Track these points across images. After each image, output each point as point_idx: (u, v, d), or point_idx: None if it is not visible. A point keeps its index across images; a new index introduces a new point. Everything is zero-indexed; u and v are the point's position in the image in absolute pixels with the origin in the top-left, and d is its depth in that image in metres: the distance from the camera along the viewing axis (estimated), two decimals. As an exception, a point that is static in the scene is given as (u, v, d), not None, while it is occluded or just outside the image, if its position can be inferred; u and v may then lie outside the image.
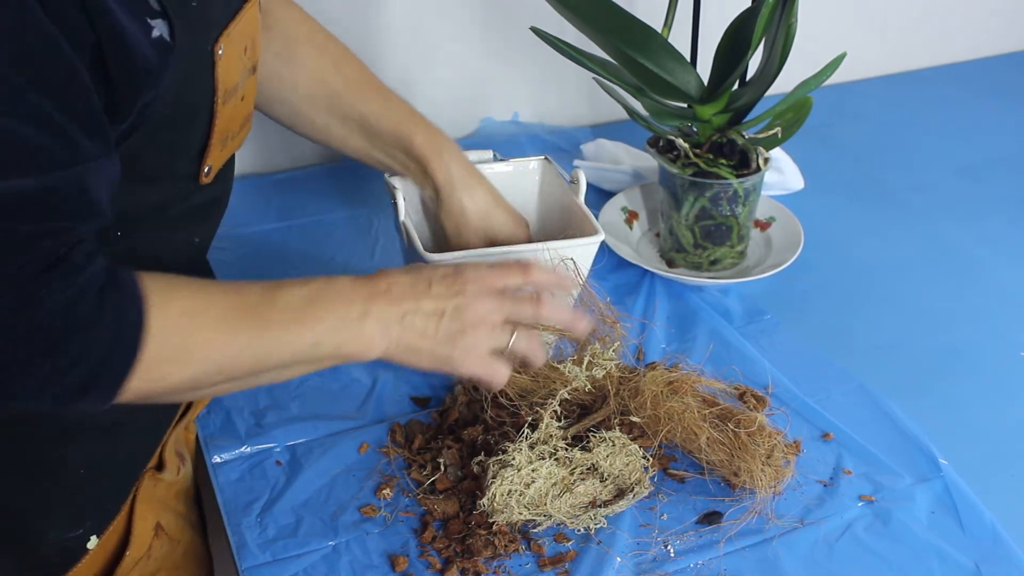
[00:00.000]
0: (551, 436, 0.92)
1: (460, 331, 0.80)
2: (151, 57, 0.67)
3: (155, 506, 0.92)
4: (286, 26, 0.98)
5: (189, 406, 0.95)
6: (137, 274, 0.69)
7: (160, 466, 0.93)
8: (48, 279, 0.63)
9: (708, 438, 0.91)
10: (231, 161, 0.87)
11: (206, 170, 0.79)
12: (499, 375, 0.83)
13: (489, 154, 1.12)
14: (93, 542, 0.85)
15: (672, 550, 0.87)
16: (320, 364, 0.78)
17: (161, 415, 0.90)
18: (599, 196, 1.33)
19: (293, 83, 0.99)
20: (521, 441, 0.90)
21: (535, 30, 1.14)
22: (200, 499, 1.05)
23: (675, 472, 0.94)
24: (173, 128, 0.73)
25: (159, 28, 0.68)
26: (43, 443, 0.79)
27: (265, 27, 0.93)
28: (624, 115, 1.21)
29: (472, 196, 1.01)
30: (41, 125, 0.61)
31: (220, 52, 0.75)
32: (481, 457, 0.91)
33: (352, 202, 1.36)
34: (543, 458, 0.90)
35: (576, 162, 1.40)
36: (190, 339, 0.70)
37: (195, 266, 0.90)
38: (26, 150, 0.61)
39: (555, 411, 0.94)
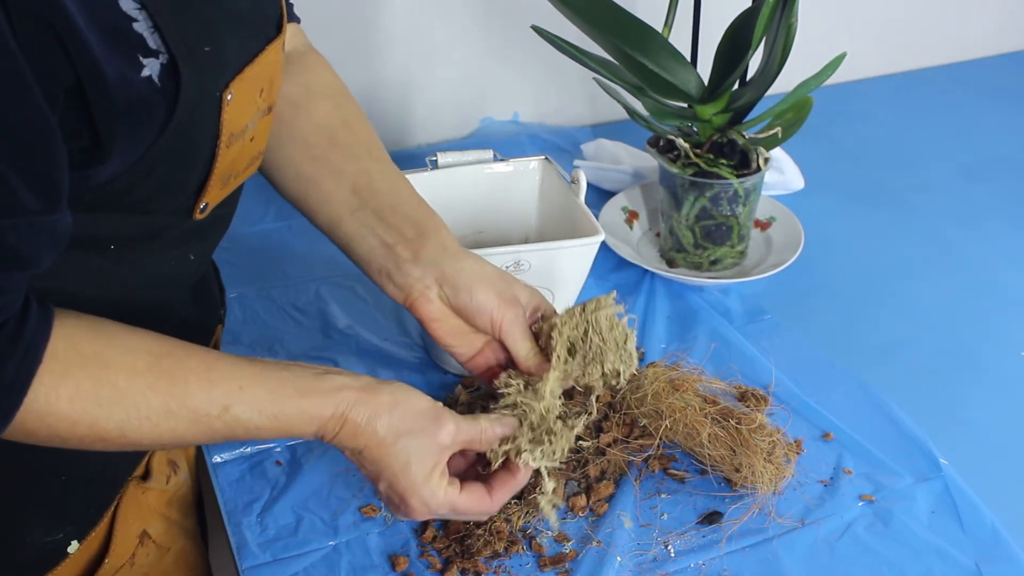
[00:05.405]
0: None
1: (396, 507, 0.79)
2: (139, 97, 0.64)
3: (142, 513, 0.91)
4: (309, 79, 0.94)
5: None
6: (45, 343, 0.66)
7: (146, 475, 0.92)
8: None
9: (710, 434, 0.91)
10: (239, 187, 0.84)
11: (202, 207, 0.77)
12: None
13: (489, 154, 1.12)
14: (74, 547, 0.84)
15: (672, 550, 0.87)
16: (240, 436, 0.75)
17: None
18: (599, 196, 1.33)
19: (292, 127, 0.92)
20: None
21: (536, 29, 1.14)
22: (202, 505, 1.05)
23: (675, 472, 0.94)
24: (171, 166, 0.71)
25: (150, 68, 0.65)
26: (19, 448, 0.78)
27: (287, 72, 0.90)
28: (624, 115, 1.21)
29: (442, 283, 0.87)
30: None
31: (229, 98, 0.72)
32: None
33: (352, 202, 1.36)
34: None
35: (576, 162, 1.41)
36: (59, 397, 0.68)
37: (197, 273, 0.89)
38: None
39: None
